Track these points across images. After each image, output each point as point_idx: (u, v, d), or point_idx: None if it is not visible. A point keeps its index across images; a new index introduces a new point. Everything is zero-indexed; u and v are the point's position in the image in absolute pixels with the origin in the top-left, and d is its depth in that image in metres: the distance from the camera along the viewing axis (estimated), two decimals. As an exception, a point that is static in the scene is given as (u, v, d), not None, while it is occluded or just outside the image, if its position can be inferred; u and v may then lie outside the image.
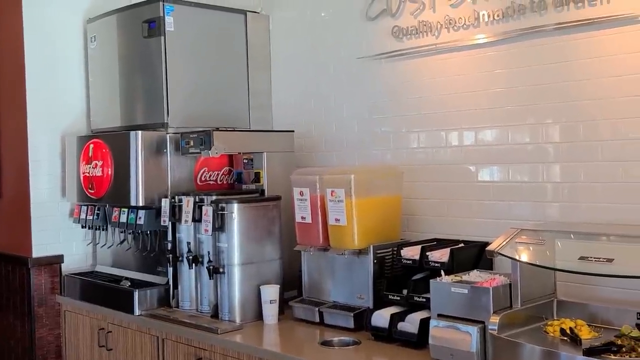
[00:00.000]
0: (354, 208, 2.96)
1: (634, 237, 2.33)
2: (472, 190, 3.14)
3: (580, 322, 2.40)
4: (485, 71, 3.09)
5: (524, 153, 2.96)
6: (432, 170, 3.29)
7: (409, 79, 3.37)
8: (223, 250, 3.16)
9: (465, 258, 2.82)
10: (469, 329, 2.40)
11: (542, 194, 2.90)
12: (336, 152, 3.71)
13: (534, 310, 2.51)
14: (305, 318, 3.12)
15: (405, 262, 2.89)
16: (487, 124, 3.08)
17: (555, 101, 2.85)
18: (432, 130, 3.29)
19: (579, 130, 2.79)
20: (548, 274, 2.60)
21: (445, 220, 3.22)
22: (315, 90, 3.81)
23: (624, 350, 2.12)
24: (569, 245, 2.42)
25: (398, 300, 2.83)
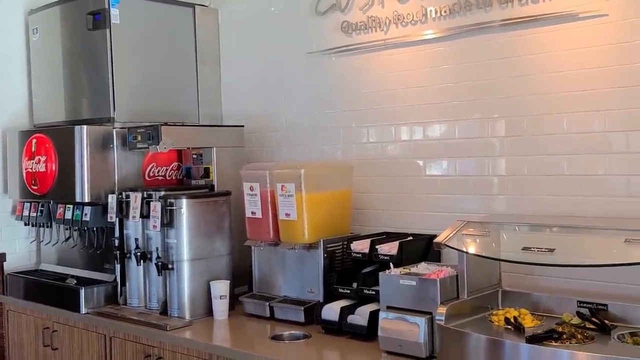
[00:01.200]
0: (304, 202, 2.97)
1: (574, 228, 2.40)
2: (420, 184, 3.18)
3: (523, 311, 2.46)
4: (433, 66, 3.13)
5: (470, 147, 3.01)
6: (382, 164, 3.32)
7: (358, 74, 3.39)
8: (172, 246, 3.12)
9: (413, 251, 2.86)
10: (417, 320, 2.43)
11: (488, 188, 2.96)
12: (286, 147, 3.71)
13: (480, 301, 2.56)
14: (255, 313, 3.11)
15: (355, 255, 2.92)
16: (435, 119, 3.13)
17: (500, 96, 2.91)
18: (381, 125, 3.32)
19: (523, 125, 2.85)
20: (493, 265, 2.66)
21: (394, 214, 3.26)
22: (266, 85, 3.80)
23: (564, 337, 2.18)
24: (513, 237, 2.48)
25: (348, 293, 2.85)
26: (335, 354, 2.63)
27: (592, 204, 2.66)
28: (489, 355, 2.24)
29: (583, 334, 2.22)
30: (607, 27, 2.61)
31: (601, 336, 2.24)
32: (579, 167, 2.70)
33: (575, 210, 2.69)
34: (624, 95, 2.57)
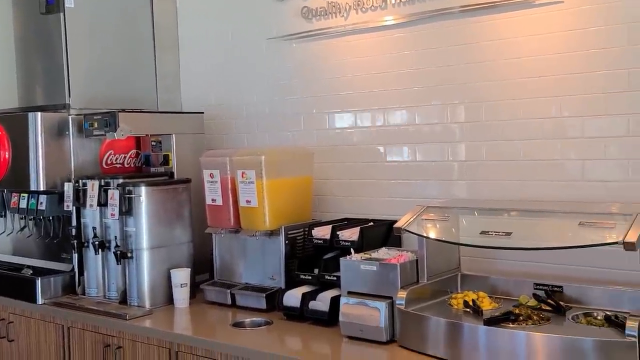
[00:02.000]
0: (265, 189, 2.95)
1: (531, 212, 2.45)
2: (381, 171, 3.20)
3: (482, 294, 2.50)
4: (393, 53, 3.13)
5: (431, 133, 3.04)
6: (343, 150, 3.32)
7: (319, 60, 3.38)
8: (131, 234, 3.08)
9: (374, 236, 2.87)
10: (378, 305, 2.45)
11: (448, 173, 2.99)
12: (247, 134, 3.68)
13: (439, 285, 2.60)
14: (217, 301, 3.10)
15: (316, 242, 2.92)
16: (396, 105, 3.14)
17: (460, 82, 2.93)
18: (342, 111, 3.32)
19: (482, 111, 2.88)
20: (453, 249, 2.69)
21: (355, 200, 3.27)
22: (226, 71, 3.76)
23: (521, 318, 2.23)
24: (471, 221, 2.51)
25: (309, 279, 2.86)
26: (297, 339, 2.64)
27: (549, 188, 2.71)
28: (448, 338, 2.27)
29: (539, 316, 2.27)
30: (562, 14, 2.65)
31: (557, 317, 2.29)
32: (536, 152, 2.74)
33: (532, 194, 2.74)
34: (579, 81, 2.62)
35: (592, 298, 2.40)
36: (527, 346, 2.11)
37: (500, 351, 2.14)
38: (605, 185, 2.57)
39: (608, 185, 2.56)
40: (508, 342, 2.14)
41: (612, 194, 2.55)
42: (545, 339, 2.08)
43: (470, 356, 2.20)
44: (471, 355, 2.20)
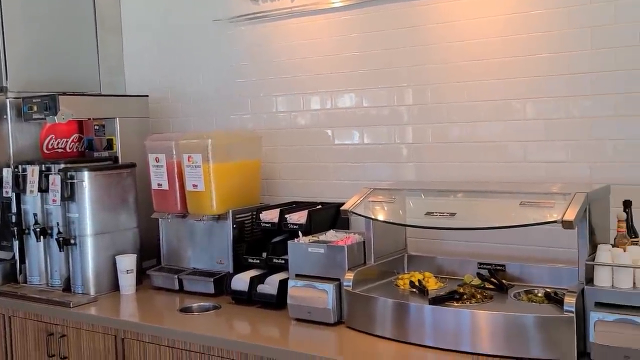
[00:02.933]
0: (212, 173, 2.92)
1: (475, 193, 2.49)
2: (329, 154, 3.20)
3: (428, 274, 2.54)
4: (340, 35, 3.13)
5: (378, 116, 3.05)
6: (291, 134, 3.31)
7: (266, 43, 3.35)
8: (74, 220, 3.01)
9: (322, 219, 2.88)
10: (326, 287, 2.46)
11: (396, 155, 3.01)
12: (194, 117, 3.63)
13: (386, 266, 2.63)
14: (164, 286, 3.06)
15: (264, 225, 2.91)
16: (343, 88, 3.14)
17: (406, 65, 2.95)
18: (290, 94, 3.30)
19: (428, 93, 2.91)
20: (399, 231, 2.72)
21: (304, 184, 3.27)
22: (171, 53, 3.69)
23: (465, 297, 2.27)
24: (417, 203, 2.54)
25: (258, 263, 2.85)
26: (245, 323, 2.63)
27: (493, 169, 2.76)
28: (395, 318, 2.30)
29: (482, 294, 2.32)
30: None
31: (499, 295, 2.35)
32: (480, 134, 2.79)
33: (477, 175, 2.79)
34: (522, 64, 2.66)
35: (533, 276, 2.46)
36: (472, 324, 2.15)
37: (445, 329, 2.18)
38: (546, 166, 2.64)
39: (549, 166, 2.63)
40: (453, 321, 2.18)
41: (553, 174, 2.61)
42: (488, 317, 2.13)
43: (417, 335, 2.23)
44: (417, 334, 2.23)
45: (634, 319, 1.92)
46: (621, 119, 2.47)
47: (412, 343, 2.23)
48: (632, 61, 2.42)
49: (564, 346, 2.02)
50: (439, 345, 2.18)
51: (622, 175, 2.45)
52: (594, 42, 2.50)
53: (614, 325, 1.94)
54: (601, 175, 2.50)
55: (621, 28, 2.44)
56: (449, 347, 2.16)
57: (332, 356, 2.21)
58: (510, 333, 2.08)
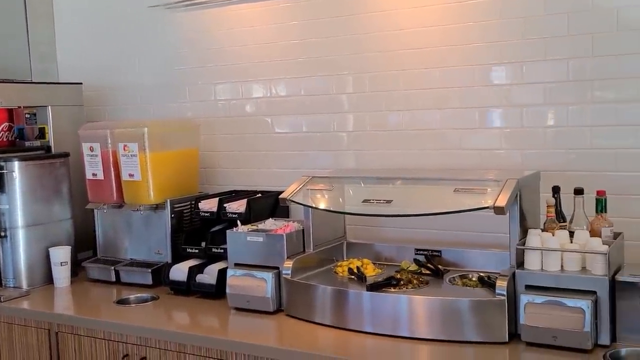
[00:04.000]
0: (149, 162, 2.87)
1: (411, 180, 2.52)
2: (269, 142, 3.19)
3: (366, 261, 2.56)
4: (280, 22, 3.11)
5: (318, 104, 3.05)
6: (230, 122, 3.28)
7: (205, 30, 3.30)
8: (4, 212, 2.91)
9: (262, 208, 2.87)
10: (264, 276, 2.45)
11: (336, 143, 3.02)
12: (130, 105, 3.55)
13: (325, 253, 2.64)
14: (100, 278, 3.00)
15: (203, 214, 2.88)
16: (283, 76, 3.12)
17: (345, 53, 2.95)
18: (229, 82, 3.27)
19: (366, 81, 2.93)
20: (338, 218, 2.74)
21: (243, 172, 3.25)
22: (107, 40, 3.59)
23: (402, 283, 2.31)
24: (355, 190, 2.56)
25: (197, 253, 2.82)
26: (184, 314, 2.60)
27: (430, 156, 2.80)
28: (334, 305, 2.31)
29: (419, 279, 2.36)
30: (441, -13, 2.73)
31: (435, 280, 2.39)
32: (418, 122, 2.82)
33: (414, 163, 2.82)
34: (459, 53, 2.70)
35: (468, 260, 2.52)
36: (409, 309, 2.18)
37: (383, 315, 2.21)
38: (480, 154, 2.69)
39: (483, 153, 2.68)
40: (390, 306, 2.21)
41: (487, 161, 2.67)
42: (424, 302, 2.17)
43: (355, 321, 2.25)
44: (356, 321, 2.25)
45: (562, 300, 1.99)
46: (551, 108, 2.54)
47: (351, 329, 2.25)
48: (561, 51, 2.49)
49: (496, 328, 2.07)
50: (377, 330, 2.21)
51: (552, 162, 2.53)
52: (525, 32, 2.56)
53: (543, 307, 2.01)
54: (532, 162, 2.57)
55: (551, 18, 2.50)
56: (387, 332, 2.19)
57: (272, 344, 2.21)
58: (446, 317, 2.13)
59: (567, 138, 2.52)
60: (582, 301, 1.96)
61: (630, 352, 1.97)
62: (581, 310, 1.95)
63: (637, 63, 2.37)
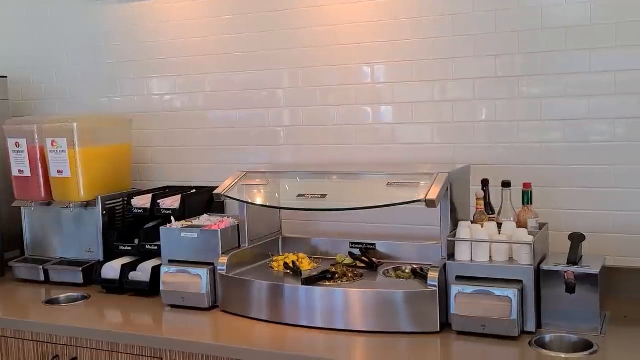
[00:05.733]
0: (79, 158, 2.80)
1: (345, 174, 2.55)
2: (204, 137, 3.15)
3: (302, 256, 2.57)
4: (214, 16, 3.07)
5: (254, 99, 3.03)
6: (164, 116, 3.23)
7: (136, 23, 3.23)
8: None
9: (196, 204, 2.84)
10: (199, 272, 2.43)
11: (272, 138, 3.01)
12: (59, 100, 3.45)
13: (261, 248, 2.64)
14: (29, 278, 2.91)
15: (136, 211, 2.82)
16: (218, 70, 3.09)
17: (280, 48, 2.95)
18: (163, 76, 3.21)
19: (301, 76, 2.93)
20: (274, 213, 2.74)
21: (178, 168, 3.20)
22: (33, 31, 3.47)
23: (337, 276, 2.33)
24: (290, 185, 2.56)
25: (130, 250, 2.77)
26: (117, 312, 2.55)
27: (364, 151, 2.83)
28: (270, 300, 2.31)
29: (353, 273, 2.38)
30: (373, -16, 2.75)
31: (370, 273, 2.43)
32: (351, 117, 2.84)
33: (349, 157, 2.85)
34: (390, 49, 2.74)
35: (402, 253, 2.57)
36: (343, 302, 2.20)
37: (318, 309, 2.22)
38: (413, 148, 2.74)
39: (415, 147, 2.73)
40: (326, 300, 2.22)
41: (419, 155, 2.72)
42: (358, 294, 2.19)
43: (291, 316, 2.26)
44: (292, 315, 2.26)
45: (490, 290, 2.05)
46: (480, 103, 2.61)
47: (288, 324, 2.25)
48: (489, 48, 2.56)
49: (428, 319, 2.12)
50: (313, 324, 2.22)
51: (482, 156, 2.60)
52: (454, 28, 2.61)
53: (472, 296, 2.07)
54: (463, 156, 2.63)
55: (480, 16, 2.57)
56: (323, 325, 2.21)
57: (207, 341, 2.20)
58: (380, 309, 2.16)
59: (496, 132, 2.59)
60: (509, 290, 2.03)
61: (554, 337, 2.05)
62: (508, 299, 2.01)
63: (562, 60, 2.46)
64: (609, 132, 2.42)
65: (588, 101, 2.44)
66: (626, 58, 2.37)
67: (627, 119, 2.39)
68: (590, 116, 2.44)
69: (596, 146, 2.44)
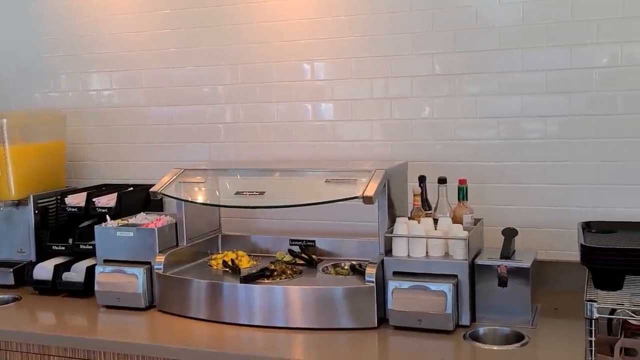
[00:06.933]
0: (9, 156, 2.72)
1: (284, 171, 2.54)
2: (142, 133, 3.10)
3: (241, 253, 2.55)
4: (152, 11, 3.02)
5: (194, 95, 2.99)
6: (100, 113, 3.15)
7: (71, 16, 3.15)
8: None
9: (133, 202, 2.78)
10: (135, 271, 2.39)
11: (212, 135, 2.98)
12: (-11, 95, 3.33)
13: (200, 246, 2.61)
14: (-45, 281, 2.79)
15: (70, 210, 2.75)
16: (156, 66, 3.04)
17: (220, 44, 2.92)
18: (100, 71, 3.14)
19: (241, 73, 2.91)
20: (213, 211, 2.71)
21: (115, 165, 3.14)
22: (-40, 23, 3.34)
23: (275, 274, 2.32)
24: (229, 182, 2.54)
25: (63, 250, 2.70)
26: (49, 314, 2.47)
27: (305, 148, 2.83)
28: (208, 299, 2.29)
29: (292, 270, 2.38)
30: (311, -18, 2.75)
31: (309, 270, 2.43)
32: (293, 113, 2.84)
33: (293, 154, 2.84)
34: (331, 46, 2.74)
35: (341, 249, 2.58)
36: (282, 299, 2.20)
37: (258, 307, 2.21)
38: (353, 145, 2.76)
39: (355, 144, 2.75)
40: (264, 297, 2.21)
41: (359, 152, 2.74)
42: (297, 291, 2.19)
43: (230, 314, 2.24)
44: (231, 313, 2.24)
45: (426, 285, 2.08)
46: (418, 100, 2.64)
47: (227, 322, 2.24)
48: (427, 46, 2.60)
49: (366, 314, 2.14)
50: (252, 322, 2.21)
51: (419, 153, 2.63)
52: (393, 26, 2.64)
53: (409, 292, 2.09)
54: (401, 152, 2.66)
55: (418, 14, 2.60)
56: (263, 323, 2.20)
57: (143, 341, 2.15)
58: (318, 306, 2.17)
59: (434, 130, 2.63)
60: (445, 285, 2.06)
61: (487, 330, 2.09)
62: (443, 294, 2.05)
63: (496, 59, 2.51)
64: (541, 129, 2.49)
65: (521, 99, 2.51)
66: (556, 58, 2.44)
67: (559, 117, 2.46)
68: (523, 114, 2.51)
69: (529, 143, 2.51)
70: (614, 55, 2.38)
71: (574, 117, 2.44)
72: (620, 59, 2.37)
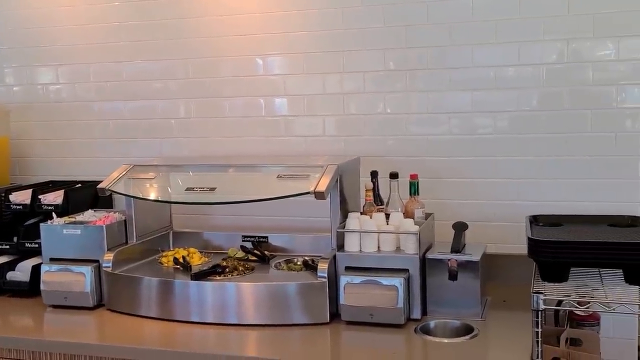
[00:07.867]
0: (-51, 151, 2.61)
1: (235, 167, 2.52)
2: (91, 129, 3.03)
3: (192, 250, 2.52)
4: (100, 3, 2.95)
5: (145, 90, 2.93)
6: (47, 108, 3.07)
7: (14, 9, 3.06)
8: None
9: (81, 199, 2.71)
10: (83, 270, 2.33)
11: (164, 130, 2.93)
12: None
13: (150, 244, 2.56)
14: None
15: (14, 207, 2.67)
16: (105, 60, 2.98)
17: (172, 38, 2.87)
18: (47, 65, 3.06)
19: (190, 67, 2.87)
20: (164, 208, 2.67)
21: (62, 162, 3.06)
22: None
23: (227, 270, 2.30)
24: (179, 178, 2.50)
25: (7, 249, 2.62)
26: (-7, 315, 2.40)
27: (258, 143, 2.80)
28: (159, 296, 2.25)
29: (244, 266, 2.36)
30: (264, -25, 2.73)
31: (261, 266, 2.41)
32: (246, 108, 2.81)
33: (247, 150, 2.82)
34: (281, 41, 2.72)
35: (294, 245, 2.57)
36: (235, 296, 2.18)
37: (209, 304, 2.19)
38: (306, 140, 2.75)
39: (308, 140, 2.74)
40: (216, 294, 2.19)
41: (312, 148, 2.73)
42: (248, 287, 2.17)
43: (182, 312, 2.21)
44: (182, 311, 2.21)
45: (377, 279, 2.09)
46: (370, 95, 2.65)
47: (178, 320, 2.20)
48: (377, 42, 2.60)
49: (319, 310, 2.13)
50: (204, 319, 2.18)
51: (372, 148, 2.64)
52: (344, 22, 2.64)
53: (361, 286, 2.10)
54: (354, 148, 2.66)
55: (368, 10, 2.60)
56: (215, 320, 2.18)
57: (91, 341, 2.11)
58: (271, 302, 2.15)
59: (386, 125, 2.64)
60: (396, 279, 2.07)
61: (438, 323, 2.11)
62: (395, 288, 2.06)
63: (447, 55, 2.54)
64: (491, 125, 2.53)
65: (471, 95, 2.54)
66: (505, 54, 2.47)
67: (509, 112, 2.50)
68: (473, 110, 2.54)
69: (479, 138, 2.54)
70: (561, 52, 2.43)
71: (523, 112, 2.48)
72: (566, 56, 2.42)
